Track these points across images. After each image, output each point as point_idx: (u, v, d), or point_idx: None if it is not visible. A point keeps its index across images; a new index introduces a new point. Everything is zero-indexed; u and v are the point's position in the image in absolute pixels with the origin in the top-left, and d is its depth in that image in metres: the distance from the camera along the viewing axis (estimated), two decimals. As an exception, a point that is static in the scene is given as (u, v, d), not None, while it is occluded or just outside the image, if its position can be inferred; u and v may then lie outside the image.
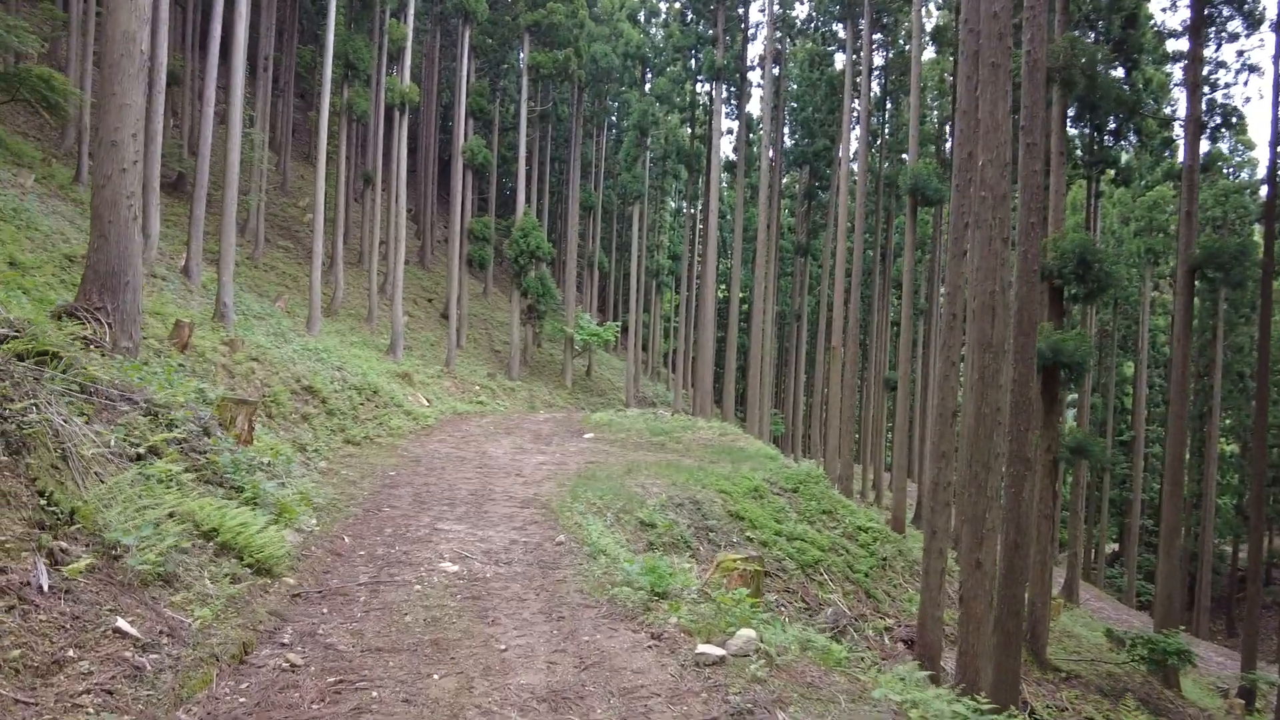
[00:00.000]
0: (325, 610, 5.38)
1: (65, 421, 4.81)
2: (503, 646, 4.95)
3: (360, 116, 29.40)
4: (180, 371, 12.84)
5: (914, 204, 23.63)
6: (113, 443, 5.61)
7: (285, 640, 4.75)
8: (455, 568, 6.71)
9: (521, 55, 36.86)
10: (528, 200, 37.80)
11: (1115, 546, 48.47)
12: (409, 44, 27.71)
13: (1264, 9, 25.05)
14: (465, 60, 30.69)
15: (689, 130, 41.37)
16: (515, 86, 51.42)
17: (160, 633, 4.01)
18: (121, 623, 3.85)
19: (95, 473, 4.72)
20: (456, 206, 31.75)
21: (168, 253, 23.07)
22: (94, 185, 8.43)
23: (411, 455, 15.94)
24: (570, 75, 34.90)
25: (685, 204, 63.39)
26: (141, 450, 5.83)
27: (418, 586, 6.08)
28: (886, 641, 13.93)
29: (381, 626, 5.15)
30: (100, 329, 8.21)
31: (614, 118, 51.46)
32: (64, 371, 5.72)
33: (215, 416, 9.21)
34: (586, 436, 20.67)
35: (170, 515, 5.01)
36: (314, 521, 8.17)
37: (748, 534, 13.75)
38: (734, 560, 6.83)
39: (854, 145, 27.71)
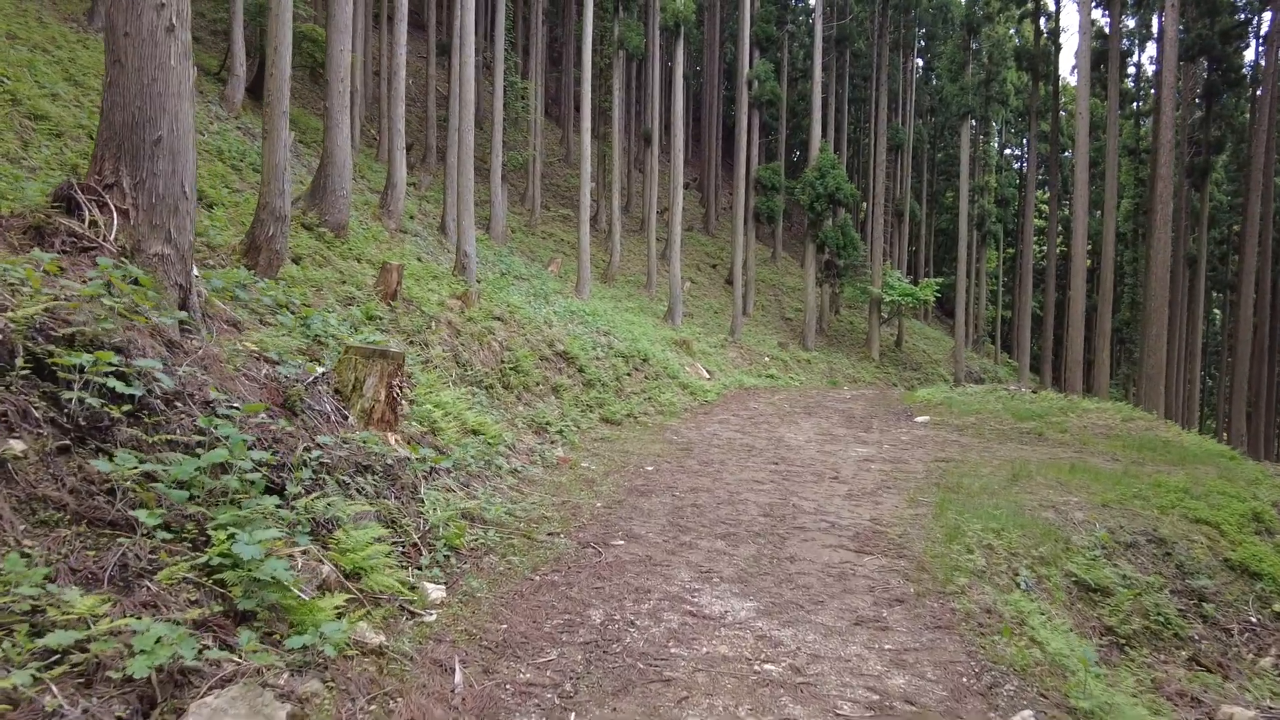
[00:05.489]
0: None
1: None
2: None
3: (634, 52, 25.95)
4: (371, 323, 9.60)
5: None
6: None
7: None
8: None
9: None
10: (823, 134, 32.12)
11: None
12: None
13: None
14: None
15: (1031, 30, 32.77)
16: (803, 27, 45.61)
17: None
18: None
19: None
20: (741, 152, 27.18)
21: (430, 213, 21.30)
22: (106, -27, 4.85)
23: (682, 441, 11.61)
24: (874, -21, 28.55)
25: (1013, 142, 53.15)
26: None
27: None
28: None
29: None
30: (106, 219, 4.59)
31: (922, 41, 43.52)
32: None
33: (327, 375, 5.33)
34: (919, 420, 14.96)
35: None
36: (440, 594, 3.85)
37: (1277, 607, 7.40)
38: None
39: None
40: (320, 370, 5.37)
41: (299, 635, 2.71)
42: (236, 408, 3.96)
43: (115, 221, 4.66)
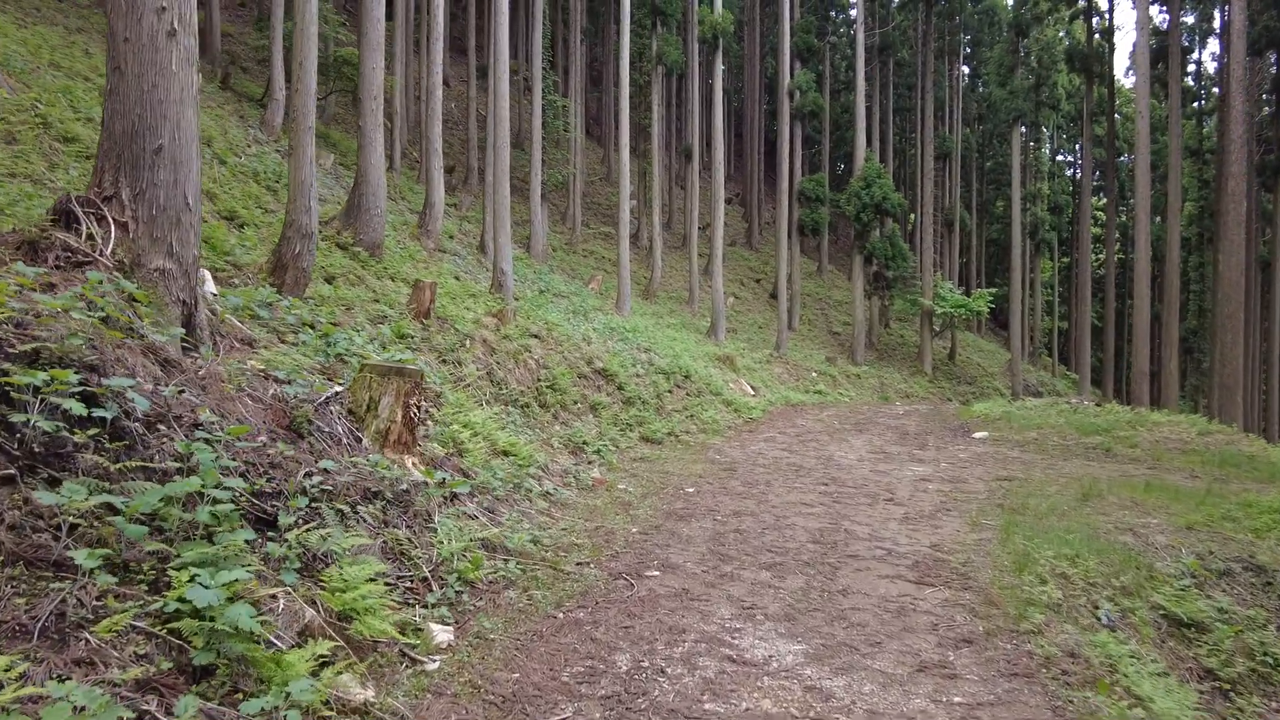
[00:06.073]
0: None
1: None
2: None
3: (673, 67, 25.71)
4: (402, 342, 9.34)
5: None
6: None
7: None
8: None
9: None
10: (868, 145, 31.40)
11: None
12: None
13: None
14: (787, -11, 25.49)
15: (1082, 31, 31.71)
16: (845, 39, 45.02)
17: None
18: None
19: None
20: (784, 164, 26.67)
21: (470, 233, 21.23)
22: (107, -23, 4.66)
23: (725, 460, 11.13)
24: (917, -17, 27.90)
25: (1065, 148, 51.68)
26: None
27: None
28: None
29: None
30: (103, 232, 4.35)
31: (968, 49, 42.55)
32: None
33: (340, 395, 5.03)
34: (978, 436, 14.22)
35: None
36: (447, 637, 3.45)
37: (1398, 643, 6.57)
38: None
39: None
40: (332, 389, 5.05)
41: (258, 697, 2.33)
42: (217, 432, 3.64)
43: (113, 235, 4.42)
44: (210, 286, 6.55)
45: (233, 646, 2.44)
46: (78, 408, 2.78)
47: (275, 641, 2.65)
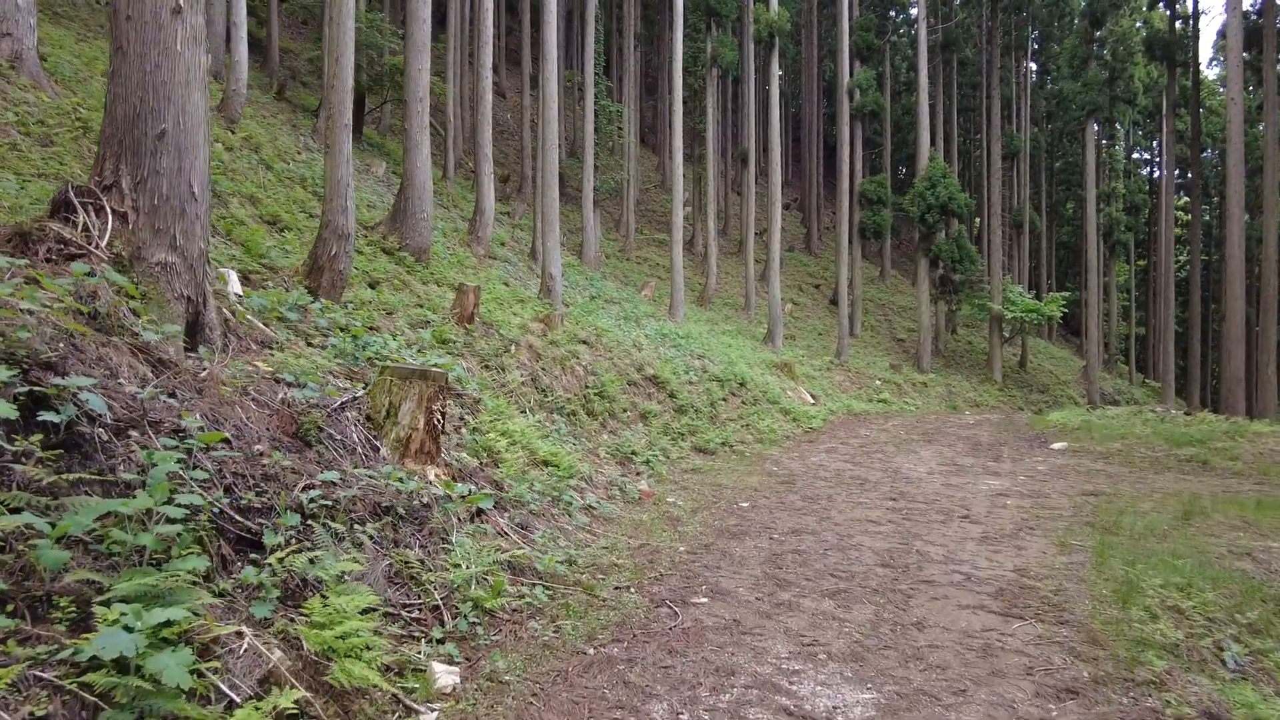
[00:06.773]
0: None
1: None
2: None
3: (728, 68, 25.14)
4: (443, 346, 8.98)
5: None
6: None
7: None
8: None
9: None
10: (931, 145, 30.23)
11: None
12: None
13: None
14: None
15: (1161, 18, 30.05)
16: (905, 38, 43.79)
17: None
18: None
19: None
20: (844, 164, 25.82)
21: (522, 240, 20.99)
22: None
23: (783, 473, 10.48)
24: (982, -24, 26.78)
25: (1142, 145, 49.29)
26: None
27: None
28: None
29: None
30: (101, 223, 4.02)
31: (1035, 44, 40.90)
32: None
33: (357, 400, 4.62)
34: (1056, 447, 13.24)
35: None
36: (451, 680, 2.97)
37: None
38: None
39: None
40: (348, 394, 4.64)
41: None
42: (192, 438, 3.22)
43: (111, 226, 4.08)
44: (236, 287, 6.26)
45: (159, 704, 1.99)
46: (5, 409, 2.39)
47: (230, 692, 2.20)
